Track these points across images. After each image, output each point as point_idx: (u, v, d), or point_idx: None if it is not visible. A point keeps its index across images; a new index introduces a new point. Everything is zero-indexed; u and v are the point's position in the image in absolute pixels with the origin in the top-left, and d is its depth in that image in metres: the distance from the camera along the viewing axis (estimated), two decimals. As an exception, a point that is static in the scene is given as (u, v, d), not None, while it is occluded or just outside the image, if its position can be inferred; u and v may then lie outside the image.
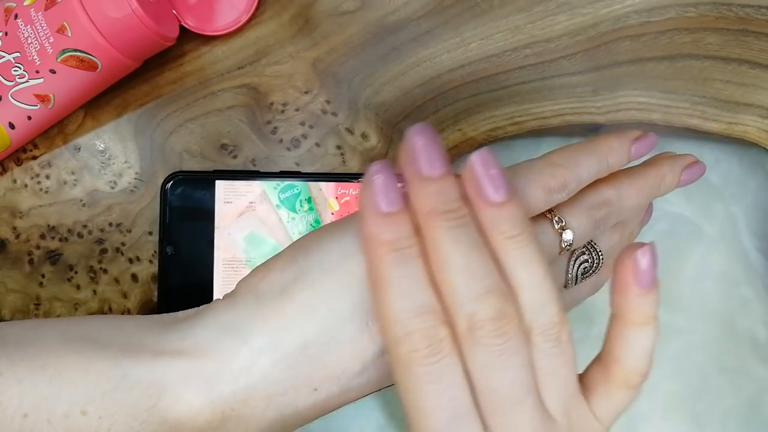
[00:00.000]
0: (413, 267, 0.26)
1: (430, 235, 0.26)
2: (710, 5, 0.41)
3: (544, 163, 0.30)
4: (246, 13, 0.41)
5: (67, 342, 0.28)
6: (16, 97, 0.38)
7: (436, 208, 0.25)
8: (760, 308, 0.44)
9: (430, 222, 0.26)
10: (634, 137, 0.31)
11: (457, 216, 0.26)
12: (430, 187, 0.26)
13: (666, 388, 0.44)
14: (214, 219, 0.40)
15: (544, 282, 0.26)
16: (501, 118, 0.42)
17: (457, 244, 0.25)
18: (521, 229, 0.26)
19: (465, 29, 0.41)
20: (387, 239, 0.25)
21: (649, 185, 0.32)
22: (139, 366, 0.27)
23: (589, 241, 0.32)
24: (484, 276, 0.25)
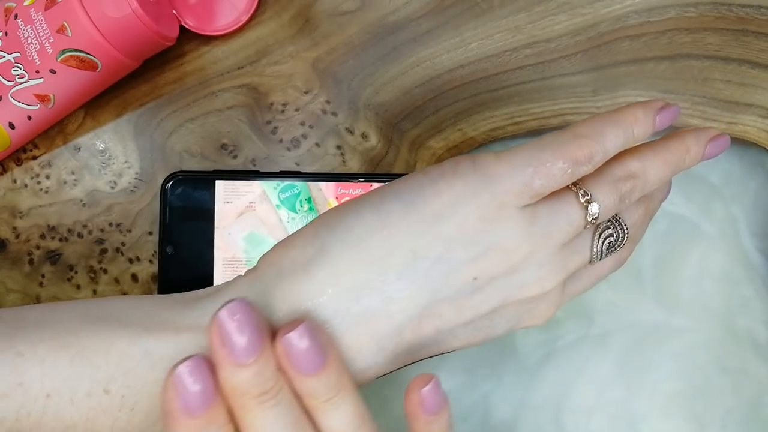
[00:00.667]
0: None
1: (244, 419, 0.26)
2: (710, 5, 0.41)
3: (570, 134, 0.29)
4: (246, 13, 0.41)
5: (88, 322, 0.28)
6: (16, 97, 0.38)
7: (249, 392, 0.25)
8: (760, 308, 0.44)
9: (244, 406, 0.25)
10: (658, 107, 0.31)
11: (272, 395, 0.26)
12: (244, 372, 0.25)
13: (666, 388, 0.44)
14: (214, 219, 0.40)
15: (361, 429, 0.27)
16: (501, 118, 0.42)
17: (275, 423, 0.25)
18: (336, 390, 0.26)
19: (465, 29, 0.41)
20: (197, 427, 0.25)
21: (674, 158, 0.31)
22: (161, 342, 0.27)
23: (614, 215, 0.31)
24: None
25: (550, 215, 0.29)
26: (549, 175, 0.28)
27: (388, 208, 0.28)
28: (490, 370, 0.44)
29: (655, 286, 0.45)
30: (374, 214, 0.28)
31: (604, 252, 0.31)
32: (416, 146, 0.42)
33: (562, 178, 0.29)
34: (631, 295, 0.45)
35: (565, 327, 0.45)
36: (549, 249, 0.29)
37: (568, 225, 0.29)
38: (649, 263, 0.45)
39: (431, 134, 0.42)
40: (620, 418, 0.44)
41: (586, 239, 0.31)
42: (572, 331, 0.45)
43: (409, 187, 0.29)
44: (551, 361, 0.44)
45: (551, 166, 0.28)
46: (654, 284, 0.45)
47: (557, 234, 0.29)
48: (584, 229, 0.30)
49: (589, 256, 0.31)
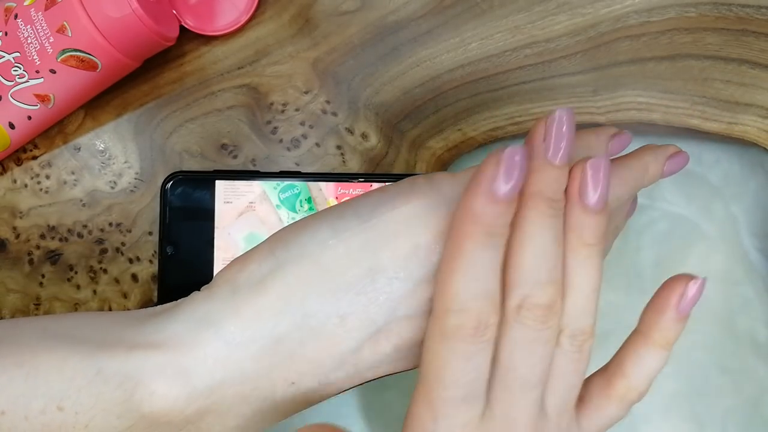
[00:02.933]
0: (495, 254, 0.26)
1: (525, 213, 0.27)
2: (710, 5, 0.41)
3: None
4: (246, 13, 0.41)
5: (45, 339, 0.28)
6: (16, 97, 0.38)
7: (543, 192, 0.27)
8: (760, 308, 0.44)
9: (532, 202, 0.27)
10: (611, 133, 0.32)
11: (556, 207, 0.27)
12: (549, 172, 0.27)
13: (666, 388, 0.44)
14: (214, 219, 0.40)
15: (593, 294, 0.28)
16: (501, 118, 0.42)
17: (543, 231, 0.27)
18: (597, 240, 0.27)
19: (465, 29, 0.41)
20: (488, 221, 0.26)
21: (633, 176, 0.32)
22: (113, 360, 0.27)
23: None
24: (552, 268, 0.27)
25: None
26: None
27: (345, 224, 0.28)
28: (490, 370, 0.44)
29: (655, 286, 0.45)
30: (331, 231, 0.28)
31: None
32: (416, 146, 0.42)
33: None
34: (631, 295, 0.45)
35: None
36: None
37: None
38: (649, 263, 0.45)
39: (431, 134, 0.42)
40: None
41: None
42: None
43: (367, 204, 0.29)
44: (551, 361, 0.44)
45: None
46: (654, 284, 0.45)
47: None
48: None
49: None
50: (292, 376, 0.28)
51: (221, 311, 0.28)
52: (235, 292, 0.28)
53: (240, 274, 0.29)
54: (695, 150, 0.45)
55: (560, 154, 0.27)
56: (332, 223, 0.28)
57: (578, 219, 0.27)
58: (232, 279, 0.29)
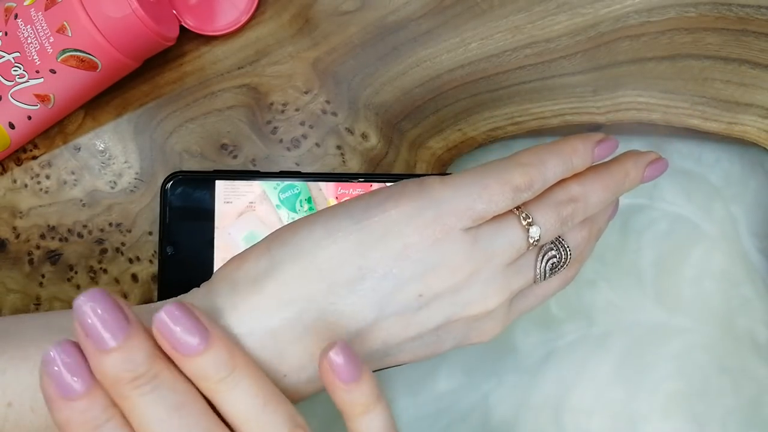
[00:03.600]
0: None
1: (125, 406, 0.25)
2: (710, 5, 0.41)
3: (512, 162, 0.31)
4: (246, 13, 0.41)
5: (49, 333, 0.29)
6: (16, 97, 0.38)
7: (121, 377, 0.25)
8: (760, 308, 0.44)
9: (121, 392, 0.25)
10: (597, 140, 0.33)
11: (148, 379, 0.25)
12: (112, 357, 0.24)
13: (666, 388, 0.44)
14: (214, 219, 0.40)
15: (266, 409, 0.26)
16: (501, 118, 0.42)
17: (154, 408, 0.25)
18: (231, 368, 0.26)
19: (465, 29, 0.41)
20: (80, 421, 0.24)
21: (614, 181, 0.33)
22: None
23: (557, 237, 0.33)
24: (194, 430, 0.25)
25: (492, 237, 0.30)
26: (491, 200, 0.30)
27: (338, 225, 0.29)
28: (490, 370, 0.44)
29: (655, 286, 0.45)
30: (324, 231, 0.29)
31: (548, 272, 0.32)
32: (416, 146, 0.42)
33: (503, 203, 0.30)
34: (631, 295, 0.45)
35: (565, 327, 0.45)
36: (492, 269, 0.30)
37: (510, 246, 0.31)
38: (649, 263, 0.45)
39: (431, 134, 0.42)
40: (620, 418, 0.44)
41: (530, 260, 0.32)
42: (572, 331, 0.45)
43: (359, 206, 0.30)
44: (551, 361, 0.44)
45: (493, 192, 0.30)
46: (654, 284, 0.45)
47: (500, 255, 0.30)
48: (527, 251, 0.31)
49: (533, 276, 0.32)
50: (284, 369, 0.29)
51: (219, 306, 0.29)
52: (233, 289, 0.29)
53: (238, 272, 0.30)
54: (695, 150, 0.45)
55: (114, 334, 0.24)
56: (326, 223, 0.30)
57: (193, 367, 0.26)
58: (230, 276, 0.30)
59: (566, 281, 0.35)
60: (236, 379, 0.26)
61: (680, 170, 0.45)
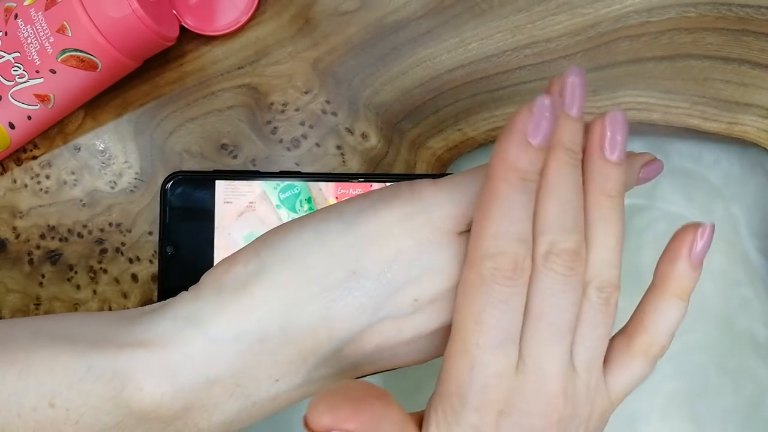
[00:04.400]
0: (529, 200, 0.27)
1: (549, 163, 0.28)
2: (710, 5, 0.41)
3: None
4: (246, 13, 0.41)
5: (37, 338, 0.29)
6: (16, 97, 0.38)
7: (562, 143, 0.28)
8: (760, 308, 0.44)
9: (553, 152, 0.28)
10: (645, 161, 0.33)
11: (575, 157, 0.28)
12: (567, 123, 0.28)
13: (666, 388, 0.44)
14: (214, 219, 0.40)
15: (617, 246, 0.29)
16: (501, 118, 0.42)
17: (566, 180, 0.28)
18: (618, 192, 0.28)
19: (465, 29, 0.41)
20: (522, 167, 0.27)
21: None
22: (103, 358, 0.28)
23: None
24: (576, 216, 0.28)
25: None
26: None
27: (329, 227, 0.29)
28: (490, 370, 0.44)
29: (655, 286, 0.45)
30: (314, 234, 0.29)
31: None
32: (416, 146, 0.42)
33: None
34: (631, 295, 0.45)
35: (565, 327, 0.45)
36: None
37: None
38: (649, 263, 0.45)
39: (431, 134, 0.42)
40: (620, 418, 0.44)
41: None
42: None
43: (351, 209, 0.30)
44: (551, 361, 0.44)
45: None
46: (654, 284, 0.45)
47: None
48: None
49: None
50: (275, 373, 0.29)
51: (207, 310, 0.29)
52: (220, 292, 0.29)
53: (226, 275, 0.29)
54: (695, 150, 0.45)
55: (576, 106, 0.28)
56: (317, 226, 0.29)
57: (600, 171, 0.28)
58: (218, 279, 0.29)
59: None
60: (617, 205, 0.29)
61: (680, 170, 0.45)
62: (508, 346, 0.27)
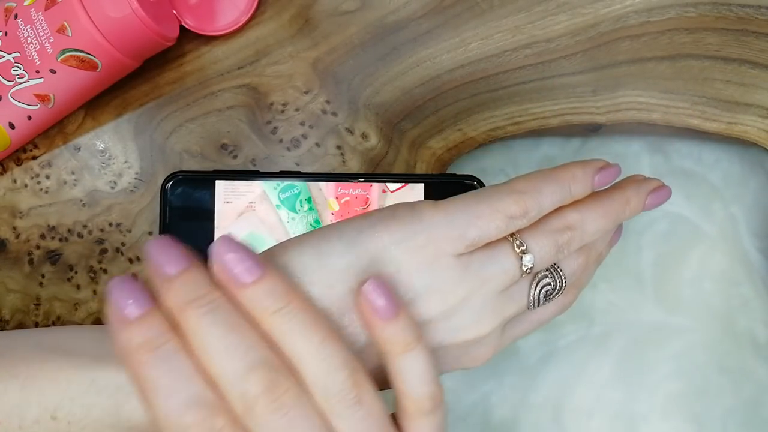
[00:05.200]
0: (174, 362, 0.25)
1: (186, 327, 0.25)
2: (710, 5, 0.41)
3: (507, 189, 0.30)
4: (246, 13, 0.41)
5: (40, 352, 0.29)
6: (16, 97, 0.38)
7: (183, 299, 0.25)
8: (760, 308, 0.44)
9: (183, 314, 0.25)
10: (598, 167, 0.32)
11: (207, 301, 0.25)
12: (175, 282, 0.25)
13: (666, 388, 0.44)
14: (214, 219, 0.40)
15: (322, 348, 0.26)
16: (501, 118, 0.42)
17: (212, 327, 0.25)
18: (286, 301, 0.26)
19: (465, 29, 0.41)
20: (139, 342, 0.25)
21: (614, 209, 0.33)
22: (106, 372, 0.28)
23: (552, 264, 0.32)
24: (245, 353, 0.25)
25: (484, 263, 0.30)
26: (483, 227, 0.29)
27: (329, 248, 0.29)
28: (490, 370, 0.44)
29: (655, 287, 0.45)
30: (315, 252, 0.29)
31: (541, 300, 0.32)
32: (416, 146, 0.42)
33: (496, 231, 0.30)
34: (631, 295, 0.45)
35: (565, 327, 0.45)
36: (484, 295, 0.30)
37: (502, 273, 0.30)
38: (649, 263, 0.45)
39: (431, 134, 0.42)
40: (620, 418, 0.44)
41: (524, 287, 0.32)
42: (572, 331, 0.45)
43: (351, 229, 0.29)
44: (551, 361, 0.44)
45: (486, 219, 0.29)
46: (654, 284, 0.45)
47: (492, 281, 0.30)
48: (521, 278, 0.31)
49: (526, 303, 0.32)
50: None
51: None
52: None
53: None
54: (695, 150, 0.45)
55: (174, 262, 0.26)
56: (317, 245, 0.29)
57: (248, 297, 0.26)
58: None
59: (563, 307, 0.34)
60: (292, 313, 0.26)
61: (680, 170, 0.45)
62: None
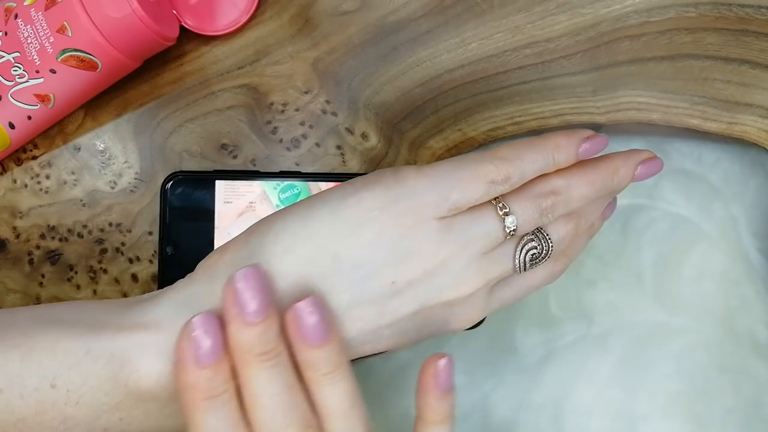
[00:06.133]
0: (227, 410, 0.28)
1: (244, 374, 0.28)
2: (710, 5, 0.41)
3: (490, 155, 0.31)
4: (246, 13, 0.41)
5: (38, 324, 0.30)
6: (16, 97, 0.38)
7: (252, 350, 0.27)
8: (760, 308, 0.44)
9: (246, 361, 0.28)
10: (584, 136, 0.32)
11: (274, 355, 0.28)
12: (251, 331, 0.27)
13: (666, 388, 0.44)
14: (214, 219, 0.40)
15: (351, 411, 0.29)
16: (501, 118, 0.42)
17: (269, 384, 0.28)
18: (335, 366, 0.28)
19: (465, 29, 0.41)
20: (203, 388, 0.27)
21: (600, 177, 0.33)
22: (101, 340, 0.29)
23: (539, 228, 0.32)
24: (289, 411, 0.28)
25: (467, 225, 0.31)
26: (465, 191, 0.30)
27: (314, 214, 0.30)
28: (490, 370, 0.44)
29: (655, 286, 0.45)
30: (301, 221, 0.30)
31: (527, 263, 0.32)
32: (416, 146, 0.42)
33: (477, 195, 0.30)
34: (631, 295, 0.45)
35: (565, 327, 0.45)
36: (467, 256, 0.31)
37: (485, 235, 0.31)
38: (649, 263, 0.45)
39: (431, 134, 0.42)
40: (620, 418, 0.44)
41: (509, 250, 0.32)
42: (572, 331, 0.45)
43: (336, 196, 0.31)
44: (551, 361, 0.44)
45: (468, 183, 0.30)
46: (654, 284, 0.45)
47: (474, 243, 0.31)
48: (506, 240, 0.31)
49: (511, 266, 0.32)
50: None
51: (200, 294, 0.30)
52: (213, 278, 0.30)
53: (218, 262, 0.31)
54: (695, 150, 0.45)
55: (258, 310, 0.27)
56: (303, 214, 0.30)
57: (308, 356, 0.28)
58: (211, 266, 0.31)
59: (553, 275, 0.34)
60: (338, 377, 0.28)
61: (680, 170, 0.45)
62: None
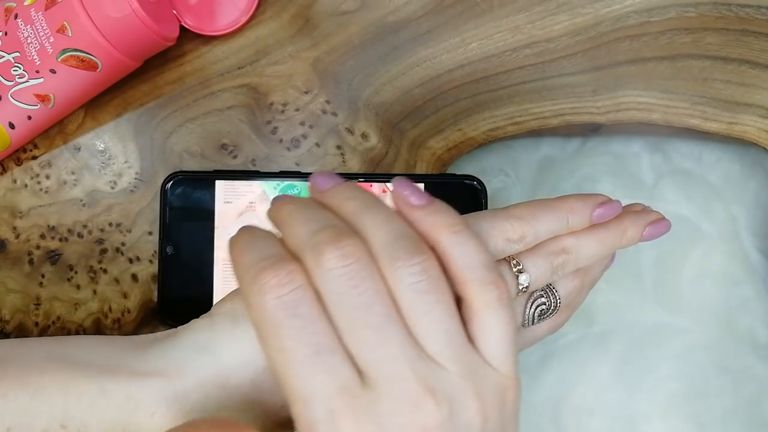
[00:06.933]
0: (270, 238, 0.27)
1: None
2: (710, 5, 0.41)
3: (506, 214, 0.31)
4: (246, 13, 0.41)
5: (50, 361, 0.29)
6: (16, 97, 0.38)
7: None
8: (760, 308, 0.44)
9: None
10: (599, 201, 0.32)
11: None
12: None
13: (666, 388, 0.44)
14: (214, 219, 0.40)
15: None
16: (501, 118, 0.42)
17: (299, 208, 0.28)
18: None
19: (465, 29, 0.41)
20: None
21: (610, 237, 0.33)
22: (116, 382, 0.28)
23: (548, 285, 0.33)
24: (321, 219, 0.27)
25: None
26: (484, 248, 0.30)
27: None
28: (490, 370, 0.44)
29: (656, 286, 0.45)
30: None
31: (536, 318, 0.33)
32: (416, 146, 0.42)
33: (494, 251, 0.30)
34: (631, 295, 0.45)
35: (565, 327, 0.45)
36: None
37: None
38: (649, 263, 0.45)
39: (431, 134, 0.42)
40: (620, 418, 0.44)
41: (519, 305, 0.32)
42: (572, 331, 0.45)
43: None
44: (551, 361, 0.44)
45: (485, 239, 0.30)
46: (654, 284, 0.45)
47: None
48: (517, 296, 0.31)
49: (520, 321, 0.32)
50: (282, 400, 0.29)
51: (222, 340, 0.29)
52: (235, 324, 0.29)
53: (239, 305, 0.30)
54: (695, 150, 0.45)
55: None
56: None
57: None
58: (233, 311, 0.30)
59: (556, 327, 0.35)
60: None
61: (680, 170, 0.45)
62: (327, 353, 0.25)
